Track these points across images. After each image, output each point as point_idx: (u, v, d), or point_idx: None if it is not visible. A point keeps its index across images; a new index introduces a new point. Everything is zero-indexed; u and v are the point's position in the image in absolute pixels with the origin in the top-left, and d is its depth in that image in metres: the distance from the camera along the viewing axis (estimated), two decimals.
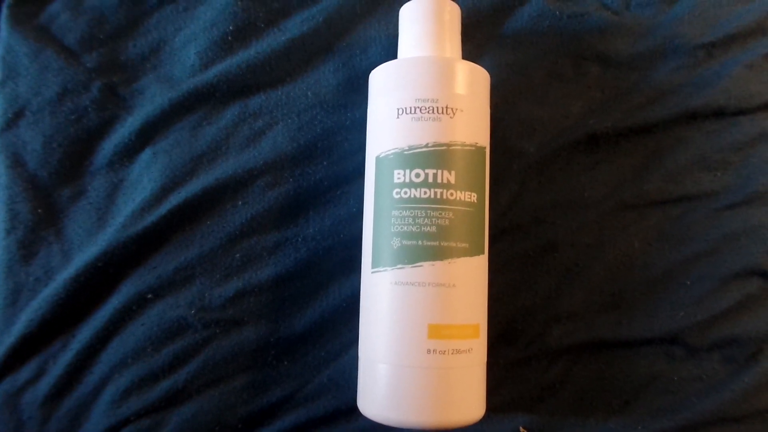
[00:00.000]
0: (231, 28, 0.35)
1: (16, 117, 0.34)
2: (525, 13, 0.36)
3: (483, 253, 0.29)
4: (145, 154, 0.33)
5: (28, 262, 0.32)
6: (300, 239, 0.33)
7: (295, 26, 0.35)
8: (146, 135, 0.33)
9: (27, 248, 0.33)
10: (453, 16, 0.31)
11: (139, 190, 0.33)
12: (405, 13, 0.31)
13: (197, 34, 0.35)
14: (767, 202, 0.34)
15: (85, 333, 0.32)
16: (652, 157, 0.35)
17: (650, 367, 0.32)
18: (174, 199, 0.32)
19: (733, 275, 0.33)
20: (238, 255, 0.33)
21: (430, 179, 0.28)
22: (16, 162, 0.33)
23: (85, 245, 0.32)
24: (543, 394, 0.32)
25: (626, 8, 0.36)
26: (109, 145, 0.34)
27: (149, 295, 0.32)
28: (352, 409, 0.31)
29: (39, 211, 0.33)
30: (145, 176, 0.33)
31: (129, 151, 0.33)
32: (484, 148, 0.30)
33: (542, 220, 0.34)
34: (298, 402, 0.32)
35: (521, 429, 0.32)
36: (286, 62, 0.35)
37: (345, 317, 0.32)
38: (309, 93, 0.34)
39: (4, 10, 0.34)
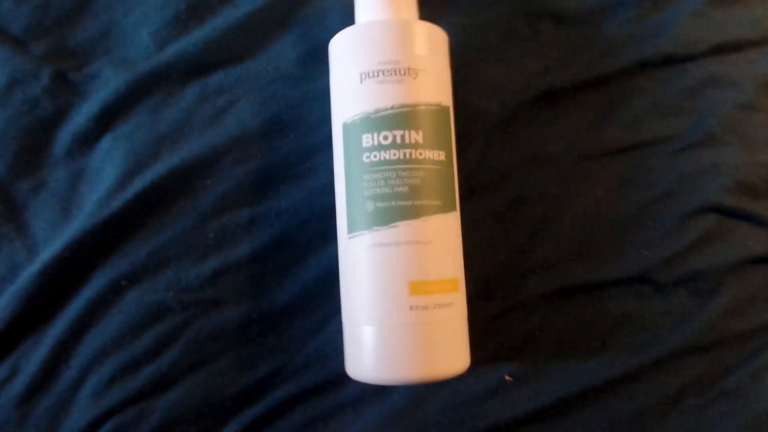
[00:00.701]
0: (183, 6, 0.34)
1: None
2: None
3: (455, 209, 0.30)
4: (105, 141, 0.33)
5: None
6: (273, 214, 0.33)
7: (249, 1, 0.35)
8: (104, 121, 0.33)
9: None
10: None
11: (103, 177, 0.32)
12: None
13: (149, 14, 0.34)
14: (718, 143, 0.36)
15: (58, 327, 0.31)
16: (609, 107, 0.36)
17: (622, 306, 0.34)
18: (140, 183, 0.32)
19: (692, 213, 0.35)
20: (212, 234, 0.33)
21: (398, 140, 0.29)
22: None
23: (51, 238, 0.32)
24: (524, 343, 0.33)
25: None
26: (66, 134, 0.33)
27: (123, 282, 0.32)
28: (341, 377, 0.32)
29: None
30: (107, 163, 0.33)
31: (88, 139, 0.33)
32: (448, 107, 0.30)
33: (509, 176, 0.35)
34: (286, 376, 0.32)
35: (506, 377, 0.33)
36: (243, 38, 0.34)
37: (326, 287, 0.33)
38: (269, 67, 0.34)
39: None
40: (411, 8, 0.31)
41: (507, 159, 0.35)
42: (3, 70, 0.33)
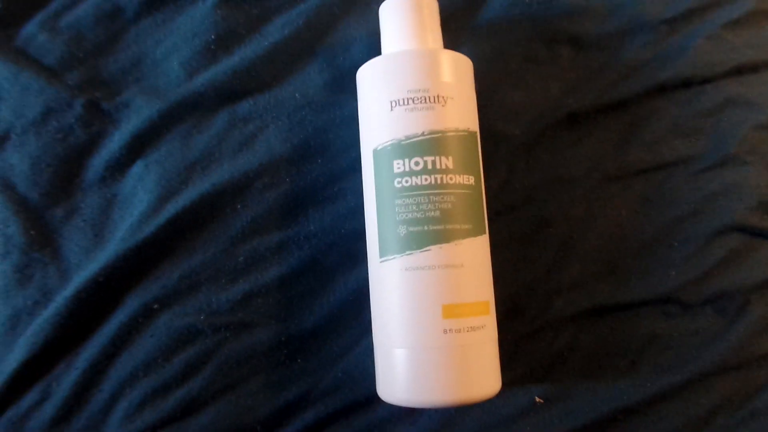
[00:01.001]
0: (213, 36, 0.35)
1: (1, 141, 0.33)
2: (496, 2, 0.37)
3: (485, 232, 0.31)
4: (137, 167, 0.34)
5: (25, 285, 0.32)
6: (302, 237, 0.34)
7: (276, 30, 0.36)
8: (136, 148, 0.34)
9: (22, 272, 0.32)
10: (432, 8, 0.32)
11: (135, 203, 0.33)
12: (386, 9, 0.32)
13: (179, 45, 0.35)
14: (739, 163, 0.37)
15: (90, 350, 0.32)
16: (630, 129, 0.37)
17: (650, 326, 0.34)
18: (172, 208, 0.33)
19: (715, 233, 0.35)
20: (241, 258, 0.33)
21: (429, 166, 0.29)
22: (5, 186, 0.33)
23: (84, 263, 0.32)
24: (553, 363, 0.34)
25: None
26: (99, 161, 0.34)
27: (155, 306, 0.32)
28: (370, 399, 0.32)
29: (32, 232, 0.33)
30: (139, 189, 0.33)
31: (120, 166, 0.34)
32: (476, 132, 0.31)
33: (533, 198, 0.35)
34: (315, 398, 0.32)
35: (537, 399, 0.33)
36: (270, 66, 0.35)
37: (354, 310, 0.33)
38: (297, 94, 0.35)
39: None
40: (437, 38, 0.32)
41: (531, 181, 0.36)
42: (38, 99, 0.34)
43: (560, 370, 0.34)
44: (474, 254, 0.29)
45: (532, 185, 0.36)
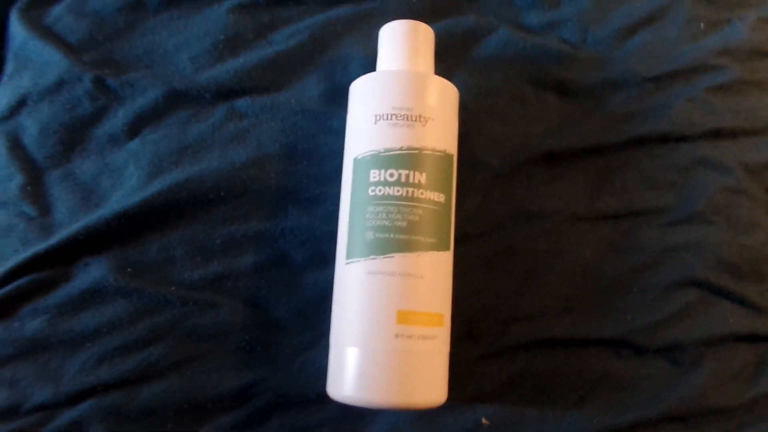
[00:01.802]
0: (222, 37, 0.38)
1: (19, 105, 0.37)
2: (492, 41, 0.40)
3: (449, 249, 0.32)
4: (134, 144, 0.36)
5: (9, 234, 0.35)
6: (278, 231, 0.36)
7: (282, 40, 0.39)
8: (137, 125, 0.37)
9: (10, 221, 0.35)
10: (427, 36, 0.35)
11: (126, 176, 0.36)
12: (385, 32, 0.35)
13: (190, 41, 0.38)
14: (705, 221, 0.38)
15: (57, 298, 0.34)
16: (604, 175, 0.39)
17: (602, 365, 0.35)
18: (159, 185, 0.35)
19: (674, 285, 0.37)
20: (218, 241, 0.35)
21: (403, 179, 0.31)
22: (16, 145, 0.36)
23: (67, 223, 0.35)
24: (504, 388, 0.35)
25: (583, 43, 0.42)
26: (101, 133, 0.37)
27: (129, 270, 0.34)
28: (321, 398, 0.33)
29: (29, 188, 0.35)
30: (131, 163, 0.36)
31: (119, 140, 0.36)
32: (452, 155, 0.33)
33: (503, 226, 0.37)
34: (268, 387, 0.34)
35: (483, 420, 0.34)
36: (272, 72, 0.38)
37: (318, 309, 0.35)
38: (292, 100, 0.38)
39: (15, 13, 0.38)
40: (428, 63, 0.35)
41: (503, 210, 0.38)
42: (54, 71, 0.37)
43: (510, 395, 0.35)
44: (435, 267, 0.31)
45: (504, 214, 0.38)
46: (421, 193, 0.31)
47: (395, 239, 0.31)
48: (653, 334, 0.36)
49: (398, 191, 0.31)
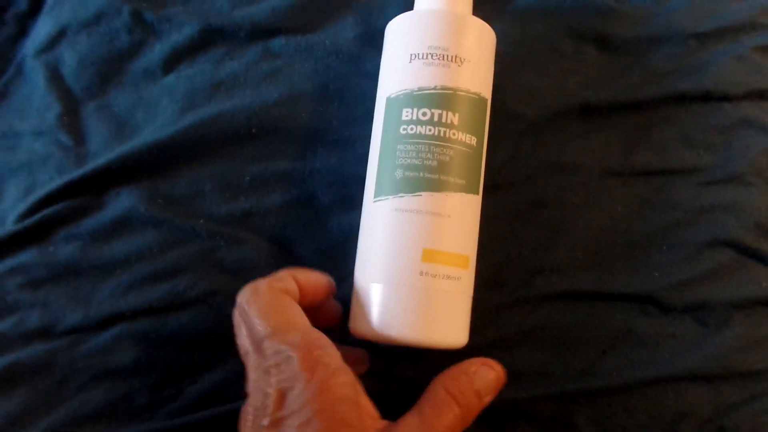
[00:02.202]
0: None
1: (58, 36, 0.38)
2: None
3: (477, 193, 0.32)
4: (169, 78, 0.37)
5: (46, 162, 0.36)
6: (307, 171, 0.36)
7: None
8: (172, 60, 0.37)
9: (46, 149, 0.36)
10: None
11: (160, 109, 0.36)
12: None
13: None
14: (744, 183, 0.37)
15: (90, 225, 0.35)
16: (641, 131, 0.38)
17: (626, 321, 0.35)
18: (191, 118, 0.36)
19: (707, 244, 0.36)
20: (247, 178, 0.36)
21: (436, 118, 0.31)
22: (54, 75, 0.37)
23: (101, 153, 0.36)
24: (525, 337, 0.35)
25: None
26: (137, 67, 0.37)
27: (160, 200, 0.35)
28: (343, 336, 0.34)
29: (65, 118, 0.36)
30: (165, 97, 0.37)
31: (154, 74, 0.37)
32: (486, 99, 0.33)
33: (534, 178, 0.37)
34: None
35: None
36: (307, 12, 0.38)
37: (342, 251, 0.35)
38: (327, 42, 0.38)
39: None
40: (467, 4, 0.34)
41: (534, 162, 0.37)
42: (95, 3, 0.38)
43: (530, 345, 0.35)
44: (462, 209, 0.31)
45: (535, 166, 0.37)
46: (453, 134, 0.31)
47: (424, 178, 0.31)
48: (681, 293, 0.36)
49: (430, 130, 0.31)
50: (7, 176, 0.37)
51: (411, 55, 0.32)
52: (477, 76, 0.33)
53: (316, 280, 0.30)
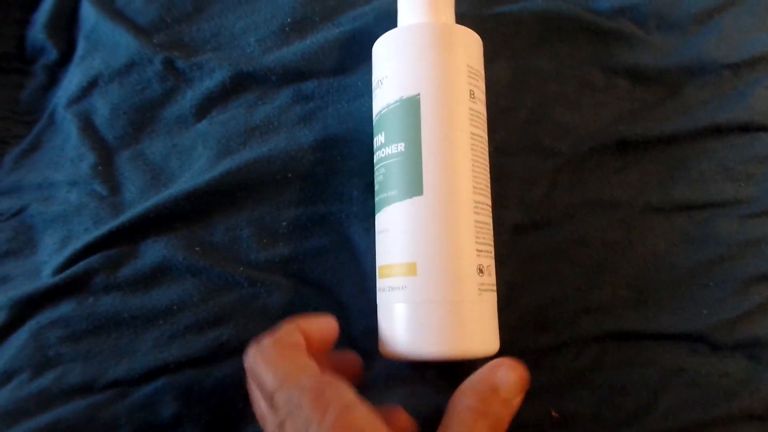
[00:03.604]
0: (289, 20, 0.40)
1: (90, 86, 0.39)
2: (561, 25, 0.40)
3: (413, 195, 0.31)
4: (202, 125, 0.38)
5: (81, 212, 0.37)
6: (344, 215, 0.36)
7: (347, 22, 0.40)
8: (204, 107, 0.38)
9: (81, 200, 0.37)
10: None
11: (194, 156, 0.37)
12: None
13: (257, 23, 0.40)
14: None
15: (127, 273, 0.35)
16: (678, 164, 0.39)
17: (676, 360, 0.35)
18: (227, 165, 0.36)
19: (754, 279, 0.36)
20: (284, 223, 0.36)
21: (376, 144, 0.34)
22: (87, 125, 0.38)
23: (137, 202, 0.36)
24: (574, 380, 0.35)
25: (656, 28, 0.41)
26: (169, 114, 0.38)
27: (197, 248, 0.35)
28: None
29: (99, 168, 0.37)
30: (199, 144, 0.38)
31: (187, 121, 0.38)
32: (414, 96, 0.32)
33: (573, 216, 0.37)
34: None
35: (553, 413, 0.34)
36: (338, 54, 0.39)
37: None
38: (359, 83, 0.39)
39: None
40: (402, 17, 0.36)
41: (572, 199, 0.38)
42: (125, 53, 0.39)
43: (580, 388, 0.35)
44: (397, 219, 0.32)
45: (573, 203, 0.38)
46: (382, 153, 0.33)
47: (376, 200, 0.34)
48: (731, 330, 0.36)
49: (376, 156, 0.34)
50: (43, 227, 0.37)
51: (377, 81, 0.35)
52: (399, 81, 0.32)
53: (322, 325, 0.30)
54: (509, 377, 0.27)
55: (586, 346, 0.35)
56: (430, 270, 0.30)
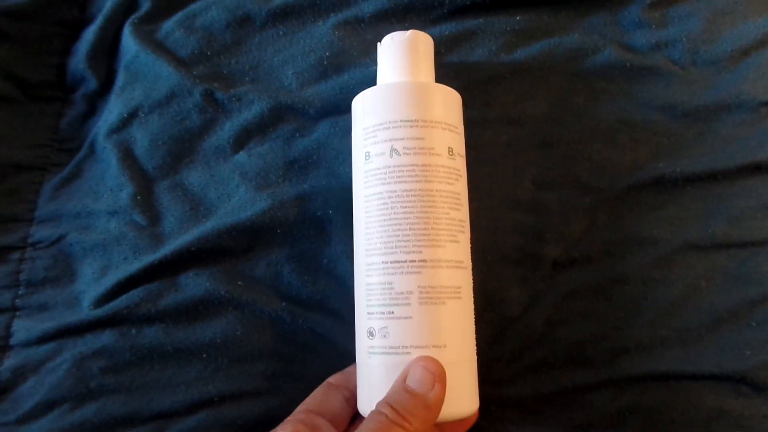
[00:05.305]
0: (327, 54, 0.41)
1: (130, 117, 0.41)
2: (597, 61, 0.42)
3: None
4: (240, 156, 0.40)
5: (120, 243, 0.38)
6: None
7: None
8: (243, 138, 0.40)
9: (121, 230, 0.38)
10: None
11: (232, 187, 0.39)
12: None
13: (295, 56, 0.41)
14: None
15: (171, 307, 0.36)
16: (717, 202, 0.40)
17: (719, 401, 0.36)
18: (269, 199, 0.38)
19: None
20: (325, 260, 0.37)
21: None
22: (127, 155, 0.40)
23: (176, 233, 0.38)
24: (613, 421, 0.35)
25: (692, 65, 0.42)
26: (208, 145, 0.40)
27: (239, 282, 0.37)
28: None
29: (138, 198, 0.39)
30: (237, 175, 0.39)
31: (224, 153, 0.40)
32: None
33: (612, 253, 0.38)
34: None
35: None
36: None
37: None
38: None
39: (128, 27, 0.42)
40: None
41: (611, 236, 0.39)
42: (165, 84, 0.40)
43: (620, 429, 0.35)
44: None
45: (612, 240, 0.38)
46: None
47: None
48: None
49: None
50: (82, 256, 0.38)
51: None
52: None
53: (333, 402, 0.32)
54: (416, 371, 0.29)
55: (625, 386, 0.36)
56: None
